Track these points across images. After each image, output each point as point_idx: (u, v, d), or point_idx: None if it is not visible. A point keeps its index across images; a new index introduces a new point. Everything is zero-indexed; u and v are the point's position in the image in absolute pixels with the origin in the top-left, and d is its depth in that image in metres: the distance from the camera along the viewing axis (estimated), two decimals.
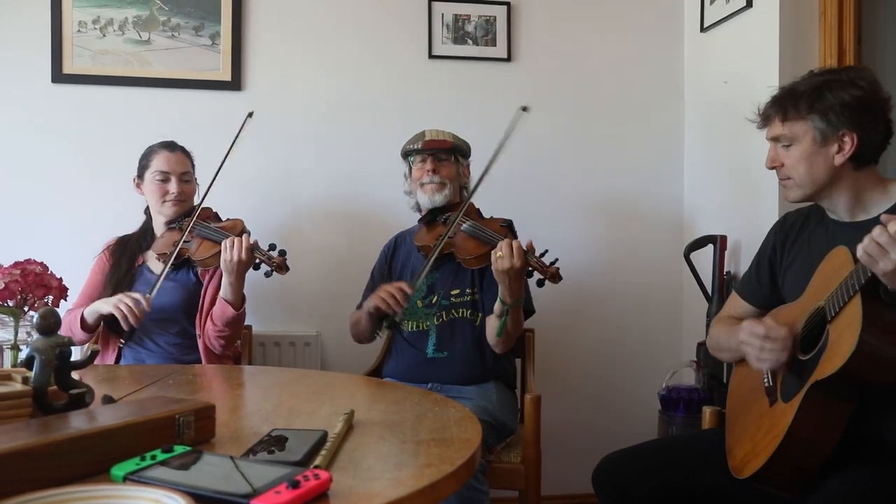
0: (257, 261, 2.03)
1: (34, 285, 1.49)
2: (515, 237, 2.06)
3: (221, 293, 2.09)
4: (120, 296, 2.02)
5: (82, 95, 2.59)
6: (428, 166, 2.20)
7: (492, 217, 2.20)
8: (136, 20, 2.61)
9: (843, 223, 1.55)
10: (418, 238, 2.20)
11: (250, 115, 2.19)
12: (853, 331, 1.25)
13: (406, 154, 2.28)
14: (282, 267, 2.01)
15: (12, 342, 1.48)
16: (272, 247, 2.04)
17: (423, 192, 2.20)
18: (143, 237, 2.28)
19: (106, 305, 2.02)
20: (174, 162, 2.21)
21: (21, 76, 2.57)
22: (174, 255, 2.09)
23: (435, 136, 2.23)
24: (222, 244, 2.03)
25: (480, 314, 2.15)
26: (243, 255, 2.00)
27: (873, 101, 1.47)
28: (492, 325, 2.06)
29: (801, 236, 1.64)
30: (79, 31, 2.58)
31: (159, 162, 2.21)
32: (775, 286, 1.67)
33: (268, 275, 2.03)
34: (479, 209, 2.21)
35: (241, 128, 2.17)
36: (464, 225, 2.10)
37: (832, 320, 1.34)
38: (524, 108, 2.10)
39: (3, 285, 1.45)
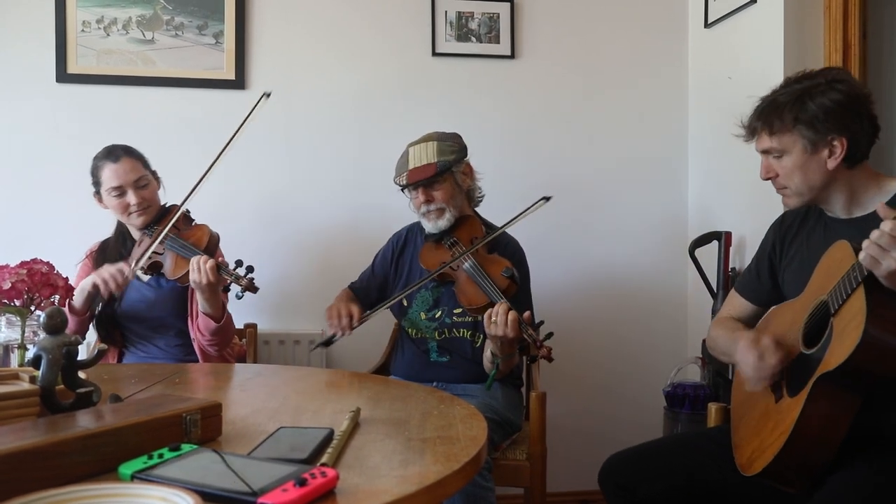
0: (228, 282, 1.97)
1: (40, 285, 1.49)
2: (518, 285, 2.00)
3: (200, 308, 2.06)
4: (105, 265, 2.02)
5: (86, 95, 2.60)
6: (420, 197, 2.11)
7: (496, 254, 2.09)
8: (140, 19, 2.62)
9: (840, 220, 1.56)
10: (423, 258, 2.15)
11: (267, 95, 2.08)
12: (858, 323, 1.26)
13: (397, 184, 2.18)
14: (250, 287, 1.92)
15: (19, 341, 1.48)
16: (239, 263, 1.95)
17: (426, 219, 2.13)
18: (123, 243, 2.22)
19: (89, 280, 2.01)
20: (122, 172, 2.10)
21: (25, 76, 2.57)
22: (142, 266, 2.05)
23: (418, 162, 2.07)
24: (190, 265, 1.97)
25: (481, 335, 2.11)
26: (210, 278, 1.95)
27: (855, 102, 1.48)
28: (485, 366, 2.03)
29: (800, 234, 1.66)
30: (83, 30, 2.58)
31: (108, 177, 2.11)
32: (776, 284, 1.69)
33: (239, 296, 1.94)
34: (488, 233, 2.12)
35: (255, 105, 2.06)
36: (466, 263, 2.02)
37: (836, 313, 1.34)
38: (546, 199, 2.02)
39: (10, 285, 1.45)
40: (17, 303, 1.48)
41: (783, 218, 1.72)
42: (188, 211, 2.20)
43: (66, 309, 2.00)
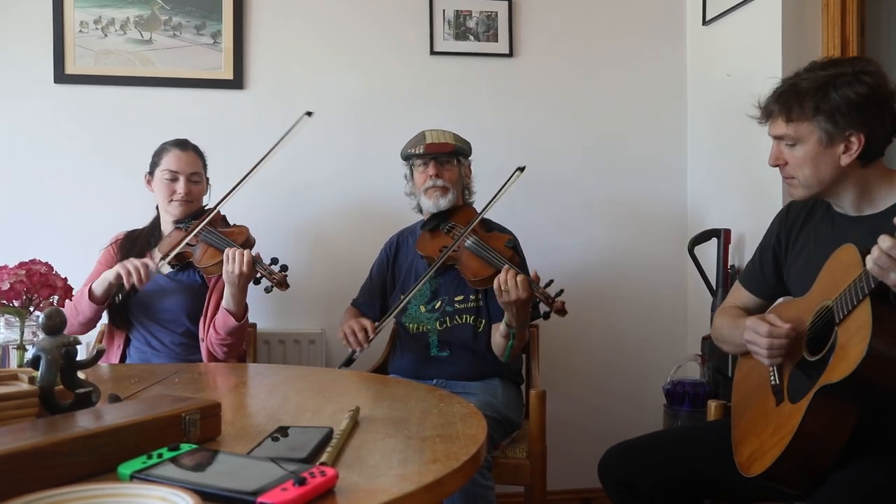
0: (258, 275, 2.02)
1: (39, 285, 1.49)
2: (520, 257, 2.04)
3: (223, 303, 2.08)
4: (130, 259, 2.04)
5: (85, 95, 2.60)
6: (430, 171, 2.16)
7: (495, 232, 2.16)
8: (138, 20, 2.61)
9: (849, 217, 1.52)
10: (421, 246, 2.17)
11: (309, 114, 2.17)
12: (863, 336, 1.24)
13: (407, 157, 2.25)
14: (282, 283, 1.99)
15: (18, 342, 1.48)
16: (274, 261, 2.02)
17: (427, 196, 2.17)
18: (152, 234, 2.27)
19: (113, 270, 2.03)
20: (184, 162, 2.20)
21: (23, 77, 2.57)
22: (171, 254, 2.08)
23: (436, 139, 2.18)
24: (224, 255, 2.01)
25: (484, 321, 2.13)
26: (244, 269, 1.98)
27: (880, 98, 1.41)
28: (497, 342, 2.05)
29: (805, 228, 1.61)
30: (81, 31, 2.58)
31: (169, 160, 2.19)
32: (779, 277, 1.66)
33: (268, 290, 2.01)
34: (483, 219, 2.16)
35: (295, 124, 2.16)
36: (468, 241, 2.05)
37: (840, 323, 1.32)
38: (521, 169, 2.09)
39: (9, 286, 1.45)
40: (16, 303, 1.48)
41: (788, 209, 1.67)
42: (225, 215, 2.25)
43: (85, 295, 2.04)
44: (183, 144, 2.24)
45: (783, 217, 1.67)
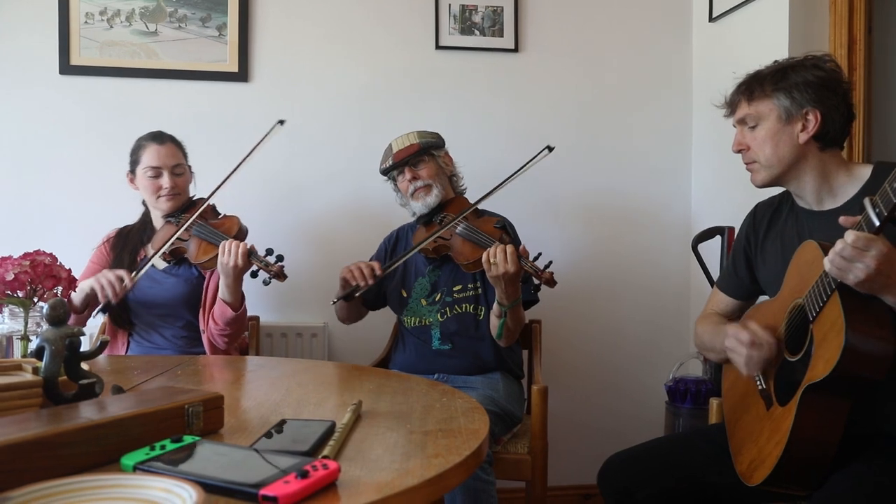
0: (255, 268, 2.00)
1: (43, 276, 1.50)
2: (510, 236, 2.05)
3: (220, 295, 2.07)
4: (105, 271, 2.01)
5: (90, 87, 2.60)
6: (408, 176, 2.20)
7: (486, 216, 2.19)
8: (143, 11, 2.61)
9: (812, 212, 1.56)
10: (417, 238, 2.21)
11: (281, 122, 2.14)
12: (837, 332, 1.26)
13: (385, 172, 2.27)
14: (280, 275, 1.95)
15: (22, 333, 1.49)
16: (269, 252, 1.99)
17: (416, 199, 2.20)
18: (144, 230, 2.26)
19: (88, 282, 2.00)
20: (164, 155, 2.16)
21: (29, 68, 2.57)
22: (163, 249, 2.05)
23: (401, 146, 2.21)
24: (219, 248, 2.00)
25: (483, 308, 2.15)
26: (240, 261, 1.97)
27: (835, 83, 1.51)
28: (492, 322, 2.07)
29: (773, 226, 1.65)
30: (86, 22, 2.58)
31: (149, 157, 2.16)
32: (753, 277, 1.69)
33: (266, 283, 1.97)
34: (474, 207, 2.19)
35: (268, 133, 2.12)
36: (458, 227, 2.09)
37: (814, 320, 1.35)
38: (550, 148, 2.10)
39: (13, 276, 1.46)
40: (21, 294, 1.49)
41: (755, 211, 1.73)
42: (214, 205, 2.24)
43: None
44: (159, 137, 2.20)
45: (751, 219, 1.73)
